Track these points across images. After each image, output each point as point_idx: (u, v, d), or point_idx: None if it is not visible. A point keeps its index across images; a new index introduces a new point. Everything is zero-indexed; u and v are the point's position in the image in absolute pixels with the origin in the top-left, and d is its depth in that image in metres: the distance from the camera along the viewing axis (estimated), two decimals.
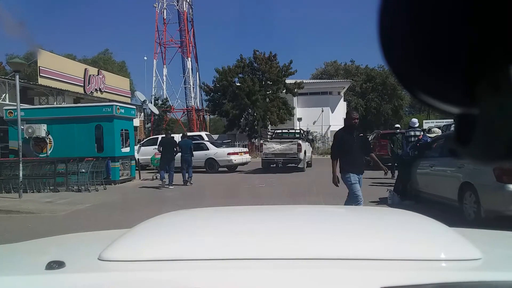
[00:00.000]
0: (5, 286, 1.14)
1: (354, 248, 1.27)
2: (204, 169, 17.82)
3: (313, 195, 10.72)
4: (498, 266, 1.27)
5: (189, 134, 20.23)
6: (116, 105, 14.36)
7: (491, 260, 1.28)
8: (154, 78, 47.91)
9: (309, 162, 19.21)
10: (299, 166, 17.13)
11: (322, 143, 34.01)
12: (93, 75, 23.08)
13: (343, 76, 47.45)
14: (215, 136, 39.63)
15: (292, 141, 17.03)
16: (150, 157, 16.74)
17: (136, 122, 30.49)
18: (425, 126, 23.70)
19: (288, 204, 7.68)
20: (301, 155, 16.75)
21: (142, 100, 27.02)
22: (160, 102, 48.30)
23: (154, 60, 48.02)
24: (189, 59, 47.68)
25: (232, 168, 18.40)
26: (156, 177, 15.30)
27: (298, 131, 20.58)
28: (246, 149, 19.49)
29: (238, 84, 32.46)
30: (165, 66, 49.49)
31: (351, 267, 1.13)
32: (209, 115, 46.61)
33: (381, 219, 1.79)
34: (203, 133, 21.58)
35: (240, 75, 32.88)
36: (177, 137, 20.30)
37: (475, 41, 0.37)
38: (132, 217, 6.65)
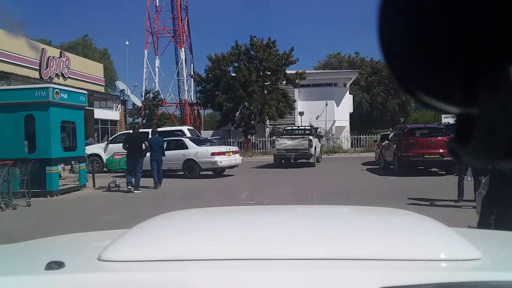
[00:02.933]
0: (4, 286, 1.09)
1: (354, 248, 1.23)
2: (183, 173, 13.81)
3: None
4: (498, 266, 1.25)
5: (168, 128, 16.32)
6: (54, 88, 10.27)
7: (491, 260, 1.26)
8: (145, 70, 43.81)
9: (318, 158, 19.16)
10: (310, 161, 17.22)
11: (327, 140, 29.88)
12: (53, 57, 18.89)
13: (347, 69, 43.28)
14: (209, 132, 35.52)
15: (303, 137, 17.30)
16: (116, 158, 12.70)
17: (116, 115, 26.51)
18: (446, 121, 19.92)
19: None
20: (312, 150, 16.94)
21: (121, 89, 22.91)
22: (151, 95, 44.33)
23: (145, 51, 43.90)
24: (183, 49, 43.58)
25: (218, 171, 14.34)
26: (115, 183, 11.37)
27: (309, 127, 20.42)
28: (235, 148, 15.24)
29: (233, 74, 28.37)
30: (157, 57, 45.44)
31: (351, 267, 1.10)
32: (203, 109, 42.56)
33: (381, 219, 1.69)
34: (184, 128, 17.44)
35: (235, 64, 28.73)
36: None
37: (475, 41, 0.37)
38: None
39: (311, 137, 17.10)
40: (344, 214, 1.95)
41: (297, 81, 29.12)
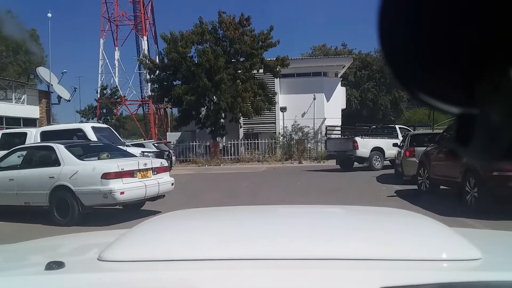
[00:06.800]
0: (4, 286, 1.07)
1: (354, 248, 1.19)
2: (53, 213, 6.68)
3: None
4: (498, 266, 1.21)
5: (56, 127, 9.35)
6: None
7: (491, 260, 1.22)
8: (100, 62, 36.40)
9: None
10: (363, 164, 15.33)
11: (315, 143, 23.12)
12: None
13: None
14: (177, 134, 28.22)
15: (349, 138, 16.11)
16: None
17: (35, 111, 19.15)
18: None
19: None
20: (360, 152, 14.99)
21: (31, 74, 15.57)
22: (108, 91, 36.93)
23: (101, 40, 36.54)
24: (145, 38, 36.36)
25: (133, 205, 7.21)
26: None
27: (392, 127, 18.29)
28: (160, 162, 7.74)
29: (196, 61, 21.34)
30: (116, 48, 38.09)
31: (351, 267, 1.07)
32: (170, 108, 35.35)
33: (381, 219, 1.64)
34: (86, 126, 10.22)
35: (199, 47, 21.74)
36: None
37: (475, 41, 0.37)
38: None
39: (357, 138, 15.26)
40: (345, 214, 1.89)
41: (277, 68, 22.31)
